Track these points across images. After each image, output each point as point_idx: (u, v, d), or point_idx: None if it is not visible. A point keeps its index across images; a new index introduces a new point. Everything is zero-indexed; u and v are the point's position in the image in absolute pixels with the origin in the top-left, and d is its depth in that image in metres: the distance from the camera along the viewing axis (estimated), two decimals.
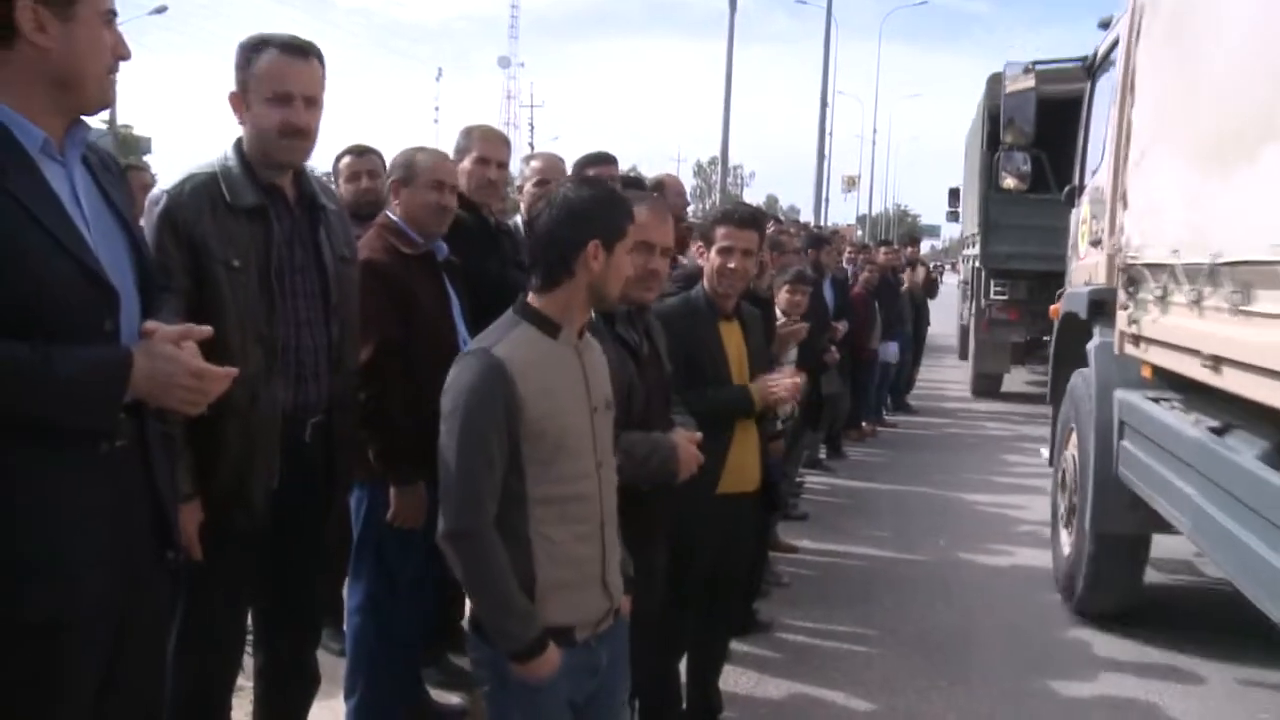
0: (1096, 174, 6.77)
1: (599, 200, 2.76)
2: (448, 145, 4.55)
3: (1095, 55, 7.34)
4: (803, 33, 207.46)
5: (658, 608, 3.66)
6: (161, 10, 37.69)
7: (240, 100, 3.09)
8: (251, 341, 2.97)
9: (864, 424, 11.96)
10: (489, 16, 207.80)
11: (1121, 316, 5.40)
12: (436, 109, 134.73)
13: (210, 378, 2.24)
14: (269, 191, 3.10)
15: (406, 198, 3.88)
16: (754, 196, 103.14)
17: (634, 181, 5.68)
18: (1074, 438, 6.38)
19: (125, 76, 2.39)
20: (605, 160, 5.27)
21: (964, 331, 17.61)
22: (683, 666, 4.30)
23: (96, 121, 2.74)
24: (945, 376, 18.23)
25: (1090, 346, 6.08)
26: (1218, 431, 4.16)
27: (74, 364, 2.08)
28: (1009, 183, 9.20)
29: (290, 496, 3.09)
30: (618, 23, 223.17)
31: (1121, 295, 5.42)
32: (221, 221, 2.98)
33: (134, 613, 2.33)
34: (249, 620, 3.39)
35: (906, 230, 75.86)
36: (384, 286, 3.68)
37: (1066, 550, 6.54)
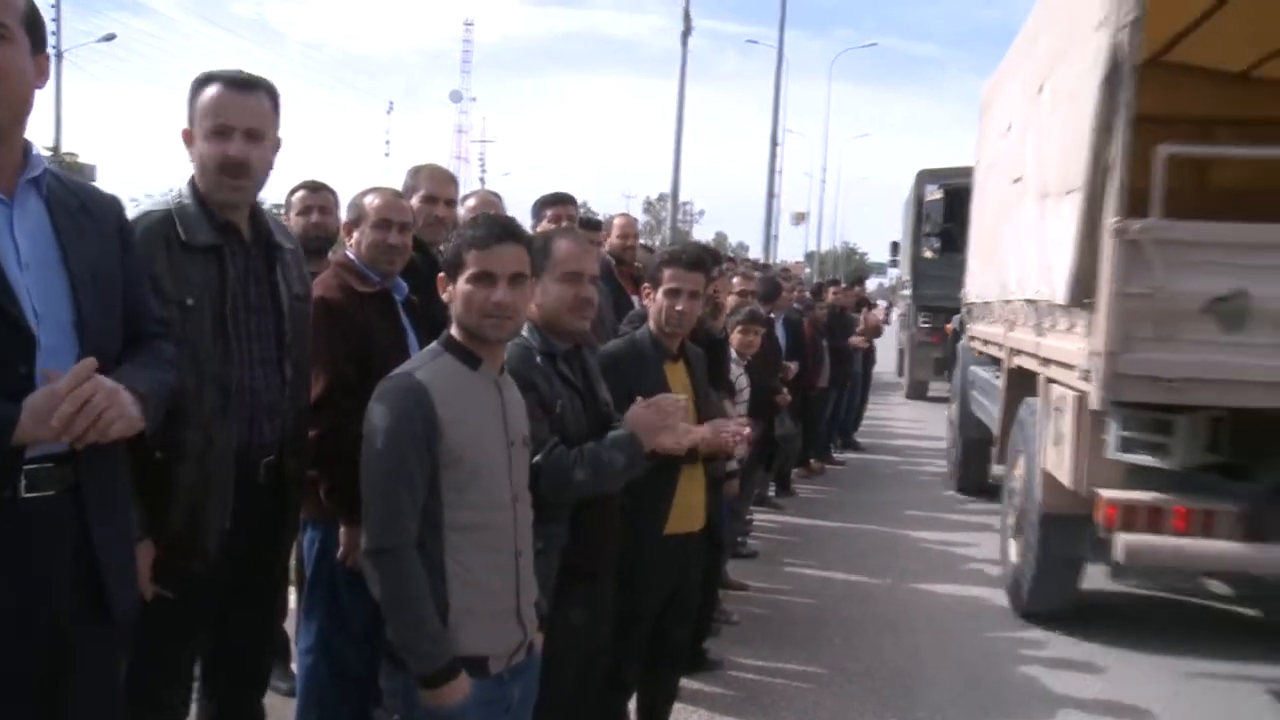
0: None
1: (449, 241, 2.91)
2: (397, 180, 4.57)
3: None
4: (752, 71, 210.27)
5: (607, 646, 3.68)
6: (109, 38, 37.51)
7: (190, 135, 3.06)
8: (206, 382, 2.94)
9: (812, 461, 12.02)
10: (440, 50, 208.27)
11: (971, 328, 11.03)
12: (387, 142, 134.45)
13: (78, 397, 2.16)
14: (224, 230, 3.05)
15: (358, 238, 3.90)
16: (703, 233, 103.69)
17: (590, 222, 5.74)
18: (1021, 460, 7.46)
19: (70, 105, 2.34)
20: (563, 200, 5.32)
21: (901, 353, 22.71)
22: (632, 705, 4.31)
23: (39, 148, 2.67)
24: (893, 414, 18.39)
25: (959, 345, 12.03)
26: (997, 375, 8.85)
27: None
28: (928, 254, 17.43)
29: (241, 537, 3.05)
30: (569, 59, 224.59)
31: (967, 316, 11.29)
32: (175, 260, 2.94)
33: (61, 674, 2.31)
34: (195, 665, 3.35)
35: (854, 269, 76.55)
36: (336, 324, 3.67)
37: (1014, 559, 7.28)
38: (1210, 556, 5.63)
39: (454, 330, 2.87)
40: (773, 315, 8.80)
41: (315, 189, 5.16)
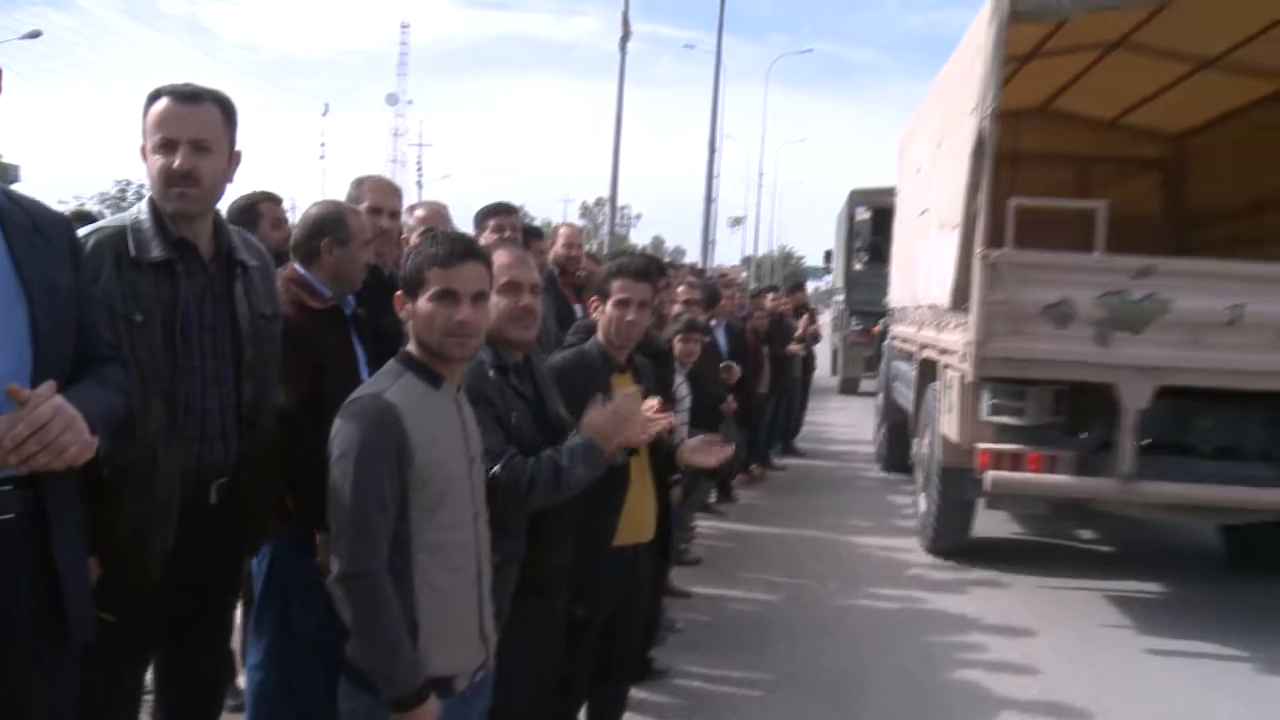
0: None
1: (407, 258, 2.90)
2: (333, 183, 4.58)
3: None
4: (688, 75, 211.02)
5: (560, 658, 3.69)
6: (35, 35, 36.84)
7: (143, 152, 3.03)
8: (153, 400, 2.89)
9: (753, 467, 12.08)
10: (375, 52, 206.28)
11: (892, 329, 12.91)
12: (323, 145, 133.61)
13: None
14: (180, 246, 3.02)
15: (341, 256, 3.86)
16: (639, 237, 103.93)
17: (530, 230, 5.74)
18: (928, 431, 9.25)
19: None
20: (505, 210, 5.31)
21: (835, 352, 24.65)
22: (583, 715, 4.32)
23: None
24: (830, 419, 18.54)
25: (885, 344, 13.92)
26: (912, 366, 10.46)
27: None
28: (858, 265, 20.63)
29: (193, 558, 3.02)
30: (506, 62, 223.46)
31: (891, 319, 13.13)
32: (125, 276, 2.90)
33: (20, 690, 2.30)
34: (149, 684, 3.31)
35: (790, 273, 76.99)
36: (291, 342, 3.65)
37: (921, 505, 9.38)
38: (1052, 487, 7.51)
39: (413, 348, 2.86)
40: (714, 322, 8.86)
41: (263, 199, 5.12)
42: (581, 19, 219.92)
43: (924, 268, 9.52)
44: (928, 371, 9.49)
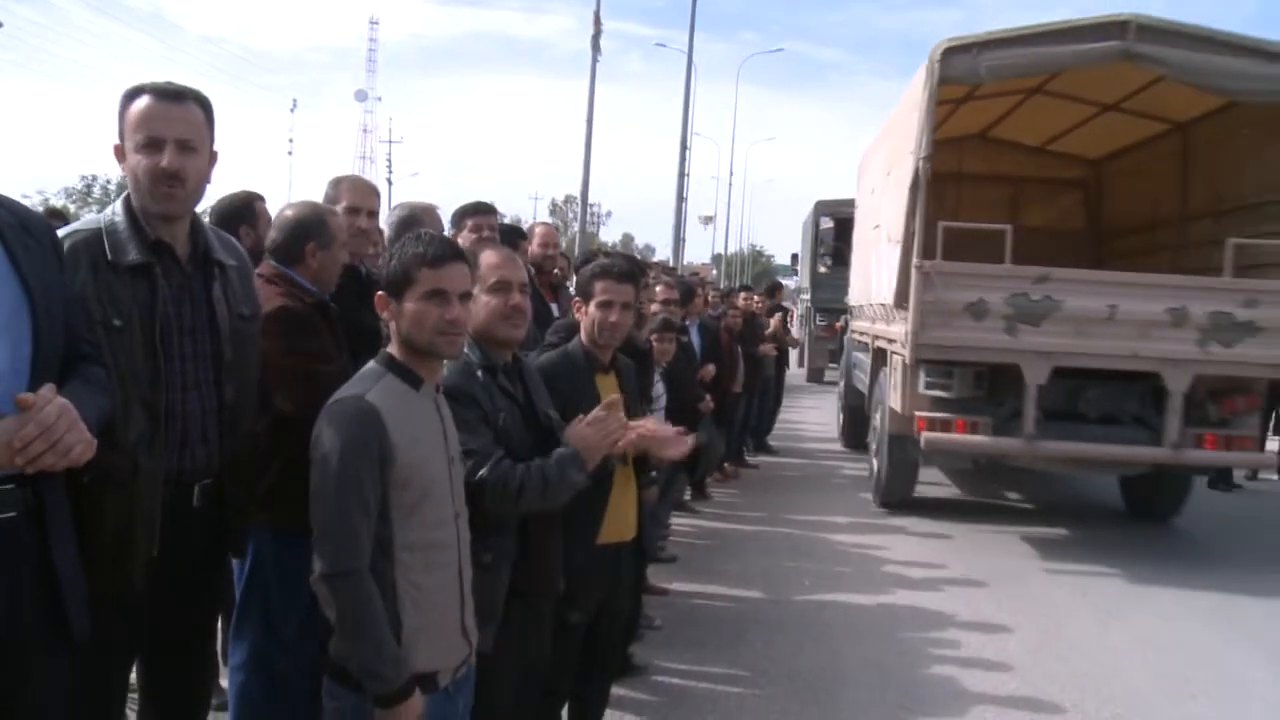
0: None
1: (387, 262, 2.93)
2: (300, 178, 4.61)
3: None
4: (657, 73, 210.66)
5: (544, 658, 3.71)
6: None
7: (120, 151, 3.00)
8: (134, 406, 2.88)
9: (726, 465, 12.11)
10: (342, 48, 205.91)
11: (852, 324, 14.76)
12: (291, 140, 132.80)
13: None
14: (156, 247, 3.00)
15: (324, 259, 3.89)
16: (610, 235, 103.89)
17: (513, 230, 5.76)
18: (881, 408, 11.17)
19: None
20: (484, 210, 5.31)
21: (801, 345, 25.55)
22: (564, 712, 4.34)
23: None
24: (804, 417, 18.61)
25: (845, 338, 15.96)
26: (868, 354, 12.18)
27: None
28: (822, 269, 22.95)
29: (176, 562, 3.02)
30: (476, 59, 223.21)
31: (850, 316, 15.16)
32: (102, 280, 2.88)
33: (18, 687, 2.30)
34: (134, 686, 3.31)
35: (760, 271, 77.10)
36: (311, 328, 3.72)
37: (875, 467, 11.37)
38: (973, 445, 9.59)
39: (394, 349, 2.88)
40: (687, 322, 8.89)
41: (259, 198, 5.13)
42: (551, 17, 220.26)
43: (876, 273, 11.43)
44: (879, 358, 11.58)
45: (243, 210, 4.91)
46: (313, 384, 3.42)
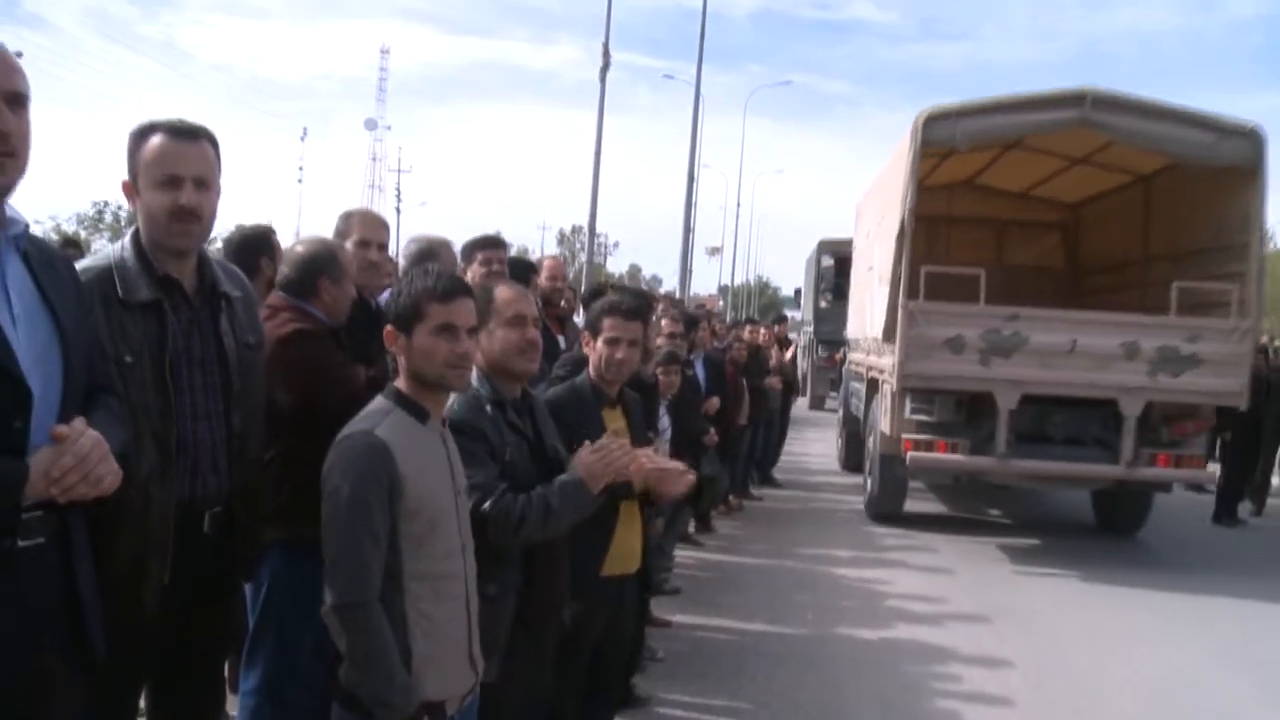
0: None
1: (396, 295, 2.98)
2: (310, 205, 4.68)
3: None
4: (665, 105, 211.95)
5: (547, 689, 3.76)
6: (15, 56, 36.80)
7: (131, 188, 3.05)
8: (145, 440, 2.91)
9: (731, 498, 12.14)
10: (351, 77, 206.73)
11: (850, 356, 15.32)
12: (300, 169, 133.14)
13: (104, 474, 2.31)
14: (165, 283, 3.05)
15: (336, 293, 4.00)
16: (617, 265, 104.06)
17: (524, 264, 5.83)
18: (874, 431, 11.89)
19: None
20: (494, 244, 5.38)
21: (804, 374, 26.65)
22: None
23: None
24: (808, 449, 18.63)
25: (844, 368, 16.70)
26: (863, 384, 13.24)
27: None
28: (823, 304, 24.70)
29: (187, 589, 3.05)
30: (483, 89, 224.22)
31: (848, 348, 16.08)
32: (114, 317, 2.92)
33: (39, 707, 2.35)
34: (143, 711, 3.35)
35: (767, 303, 77.19)
36: (329, 347, 3.85)
37: (869, 485, 12.52)
38: (953, 464, 10.87)
39: (401, 384, 2.94)
40: (692, 355, 8.95)
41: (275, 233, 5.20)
42: (559, 48, 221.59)
43: (869, 310, 12.64)
44: (872, 386, 12.71)
45: (260, 243, 4.98)
46: (343, 386, 3.65)
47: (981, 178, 15.12)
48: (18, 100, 2.36)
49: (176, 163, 3.00)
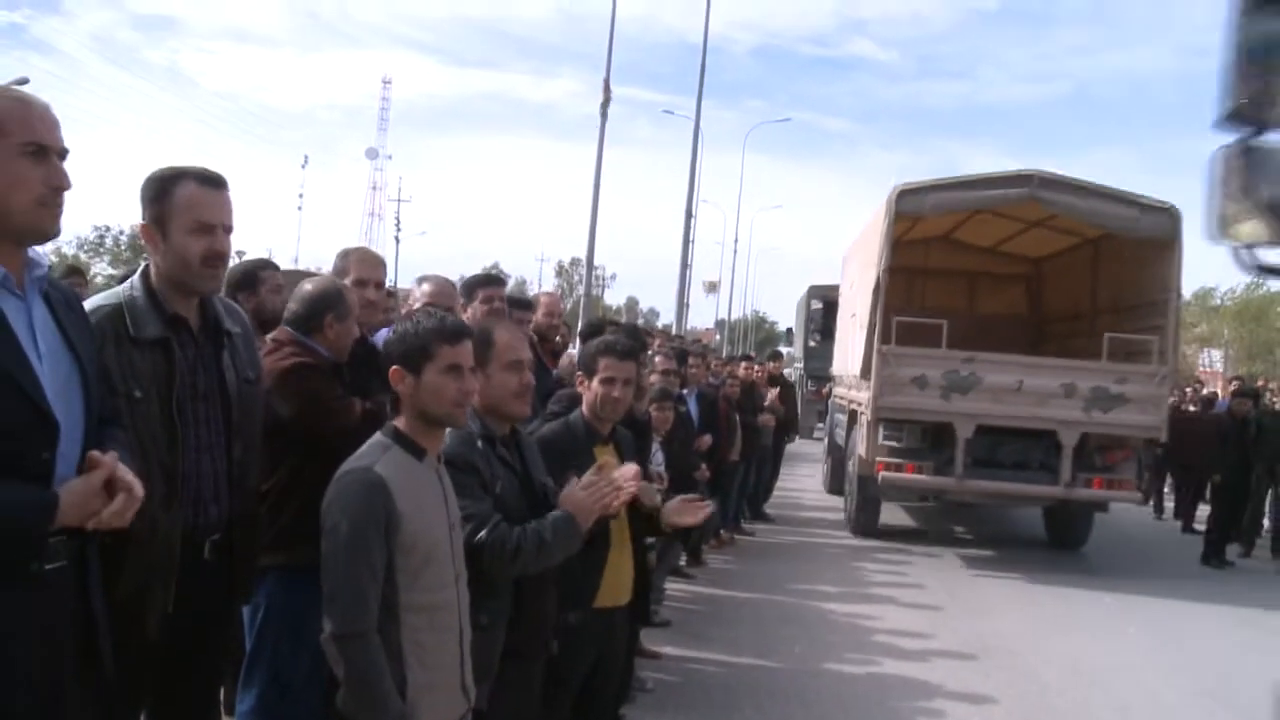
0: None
1: (403, 333, 3.10)
2: (310, 233, 4.82)
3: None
4: (665, 139, 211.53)
5: (536, 714, 3.85)
6: (22, 82, 37.04)
7: (153, 232, 3.18)
8: (152, 471, 3.01)
9: (722, 532, 12.23)
10: (353, 106, 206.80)
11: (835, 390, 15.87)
12: (300, 196, 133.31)
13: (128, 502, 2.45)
14: (173, 322, 3.19)
15: (340, 330, 4.16)
16: (614, 298, 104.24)
17: (522, 302, 5.96)
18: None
19: None
20: (495, 282, 5.50)
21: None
22: None
23: None
24: (801, 485, 18.72)
25: (830, 401, 18.04)
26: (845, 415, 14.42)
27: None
28: (812, 343, 27.76)
29: (188, 612, 3.16)
30: (484, 120, 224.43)
31: (833, 383, 17.52)
32: (124, 353, 3.05)
33: None
34: None
35: (764, 337, 77.28)
36: (328, 380, 3.99)
37: (848, 503, 14.33)
38: (918, 483, 12.71)
39: (401, 422, 3.06)
40: (685, 390, 9.07)
41: (263, 267, 5.33)
42: (559, 80, 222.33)
43: (851, 351, 14.53)
44: (853, 418, 14.55)
45: (247, 277, 5.12)
46: (340, 417, 3.82)
47: (955, 234, 16.90)
48: (64, 156, 2.53)
49: (210, 211, 3.19)
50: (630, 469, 3.85)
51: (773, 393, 13.86)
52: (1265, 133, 2.38)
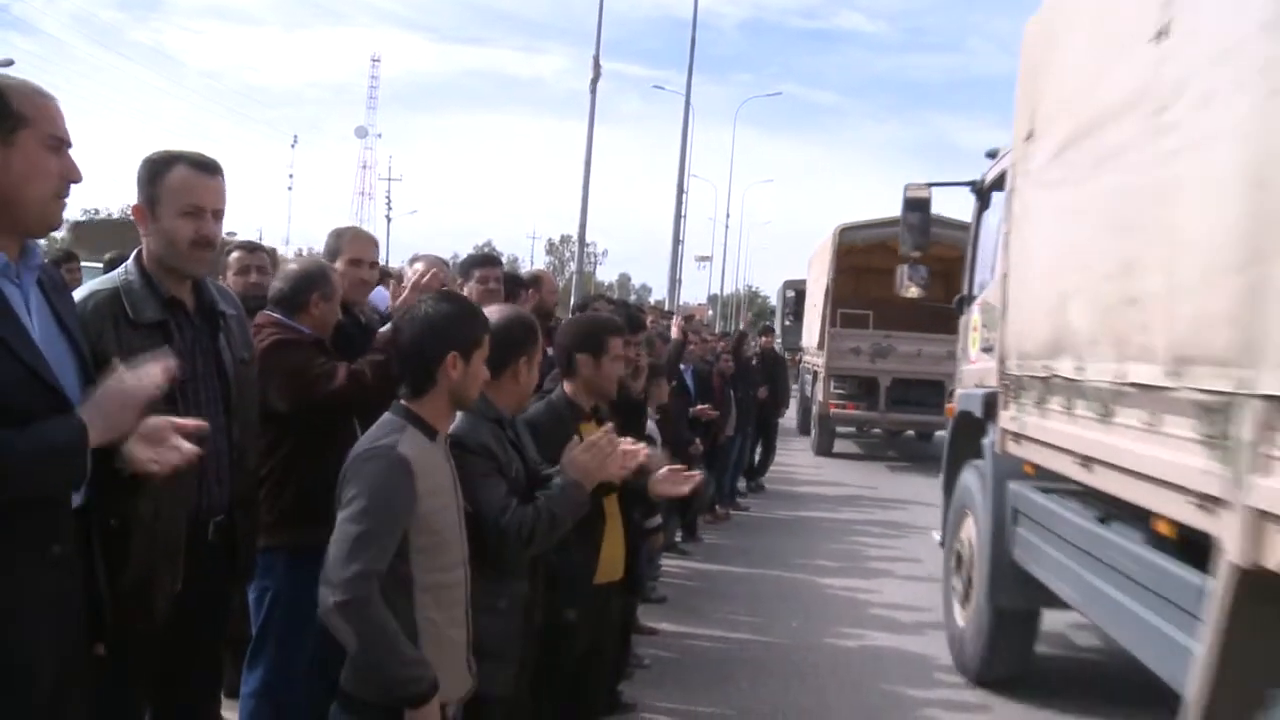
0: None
1: (456, 315, 3.09)
2: (300, 213, 4.83)
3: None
4: (655, 114, 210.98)
5: (526, 698, 3.85)
6: (8, 64, 36.83)
7: (145, 213, 3.20)
8: None
9: (718, 508, 12.27)
10: (340, 84, 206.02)
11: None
12: (290, 176, 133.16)
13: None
14: (170, 304, 3.21)
15: (325, 309, 4.21)
16: (606, 274, 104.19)
17: (513, 278, 5.94)
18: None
19: None
20: (491, 262, 5.49)
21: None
22: None
23: None
24: (796, 460, 18.79)
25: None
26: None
27: (33, 436, 2.31)
28: (787, 323, 31.71)
29: (191, 594, 3.18)
30: (474, 97, 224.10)
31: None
32: (124, 338, 3.07)
33: (61, 711, 2.47)
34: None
35: (758, 311, 77.33)
36: (310, 354, 4.04)
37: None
38: (855, 416, 19.91)
39: (417, 404, 3.04)
40: (682, 366, 9.08)
41: (252, 249, 5.33)
42: (549, 57, 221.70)
43: (811, 329, 21.93)
44: (815, 376, 20.58)
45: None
46: (325, 382, 3.90)
47: (889, 243, 18.96)
48: (69, 144, 2.55)
49: (201, 195, 3.20)
50: (633, 444, 3.83)
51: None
52: None
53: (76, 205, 54.98)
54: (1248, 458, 3.18)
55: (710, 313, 67.57)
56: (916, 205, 9.92)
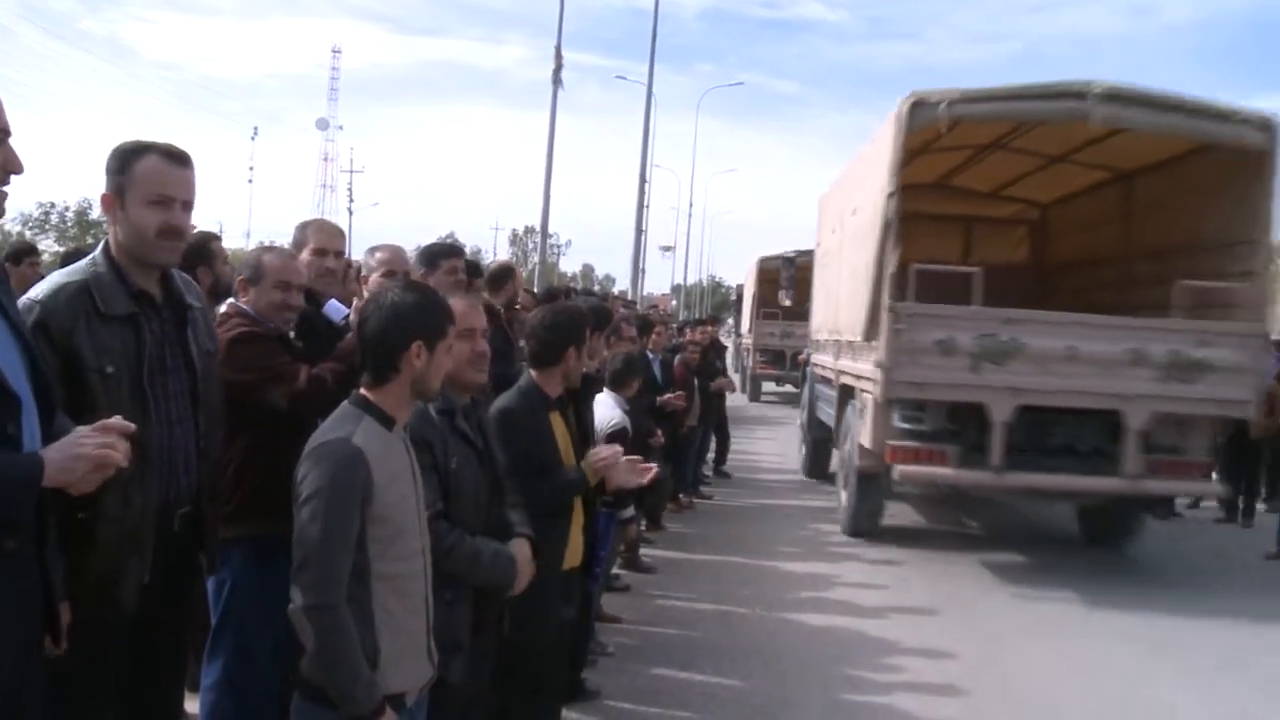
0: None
1: (422, 305, 3.07)
2: (261, 206, 4.82)
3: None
4: (617, 104, 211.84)
5: (486, 684, 3.88)
6: None
7: (113, 202, 3.20)
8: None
9: (681, 497, 12.30)
10: (300, 75, 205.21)
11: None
12: (251, 169, 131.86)
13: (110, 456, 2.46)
14: (139, 297, 3.21)
15: (254, 296, 4.14)
16: (570, 265, 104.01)
17: (473, 267, 5.95)
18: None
19: None
20: (456, 252, 5.49)
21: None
22: None
23: None
24: (759, 449, 18.83)
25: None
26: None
27: None
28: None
29: (157, 584, 3.19)
30: (435, 89, 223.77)
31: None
32: (94, 330, 3.07)
33: (16, 708, 2.49)
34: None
35: (720, 301, 77.48)
36: (271, 344, 4.04)
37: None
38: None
39: (375, 394, 3.02)
40: (650, 354, 9.12)
41: (213, 239, 5.32)
42: (509, 47, 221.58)
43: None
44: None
45: (199, 250, 5.10)
46: (286, 383, 3.90)
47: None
48: (8, 134, 2.51)
49: (169, 185, 3.20)
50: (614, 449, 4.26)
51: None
52: None
53: (30, 198, 54.22)
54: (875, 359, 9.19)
55: (674, 303, 67.71)
56: (787, 263, 19.86)
